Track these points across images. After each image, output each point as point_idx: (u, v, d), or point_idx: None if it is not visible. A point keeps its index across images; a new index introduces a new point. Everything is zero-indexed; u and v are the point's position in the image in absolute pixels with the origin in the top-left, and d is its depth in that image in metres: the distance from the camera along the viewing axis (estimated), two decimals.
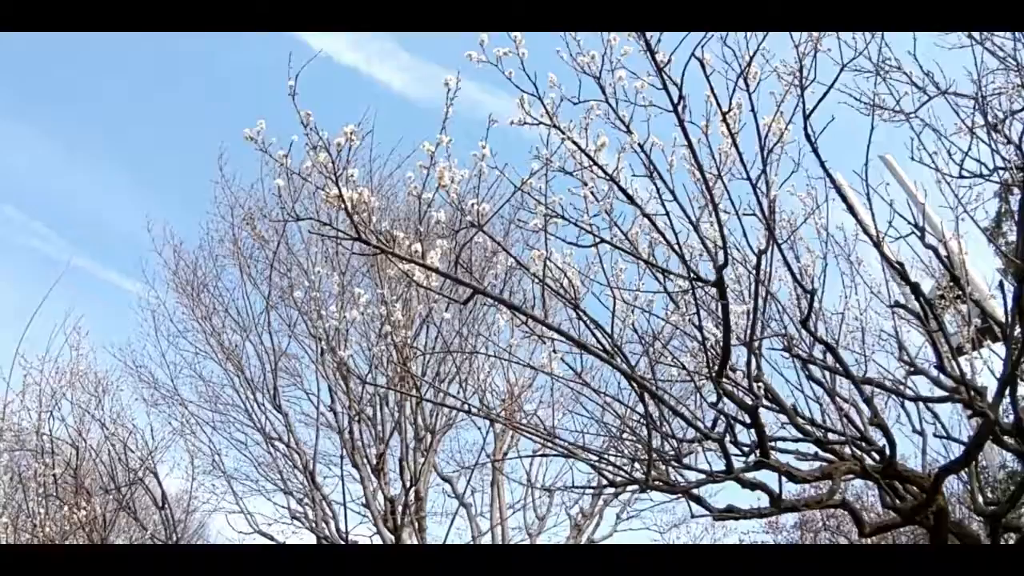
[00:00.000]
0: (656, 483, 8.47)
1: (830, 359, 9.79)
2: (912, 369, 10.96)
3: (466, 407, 16.04)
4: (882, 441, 9.07)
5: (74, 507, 17.42)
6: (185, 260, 23.73)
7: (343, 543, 20.31)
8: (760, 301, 8.04)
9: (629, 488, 9.97)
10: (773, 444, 8.64)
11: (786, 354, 10.12)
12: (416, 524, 21.85)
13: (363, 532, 22.09)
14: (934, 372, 10.52)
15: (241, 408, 22.88)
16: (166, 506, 18.86)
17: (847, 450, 9.23)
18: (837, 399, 9.84)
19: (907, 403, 10.51)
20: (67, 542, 17.86)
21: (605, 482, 9.37)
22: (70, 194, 58.83)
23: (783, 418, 9.43)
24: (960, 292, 10.63)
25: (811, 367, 10.14)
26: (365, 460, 21.64)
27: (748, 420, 8.43)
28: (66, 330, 18.17)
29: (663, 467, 8.79)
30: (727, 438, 8.41)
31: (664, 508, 27.97)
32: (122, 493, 18.46)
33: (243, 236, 22.58)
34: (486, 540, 25.27)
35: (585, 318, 7.86)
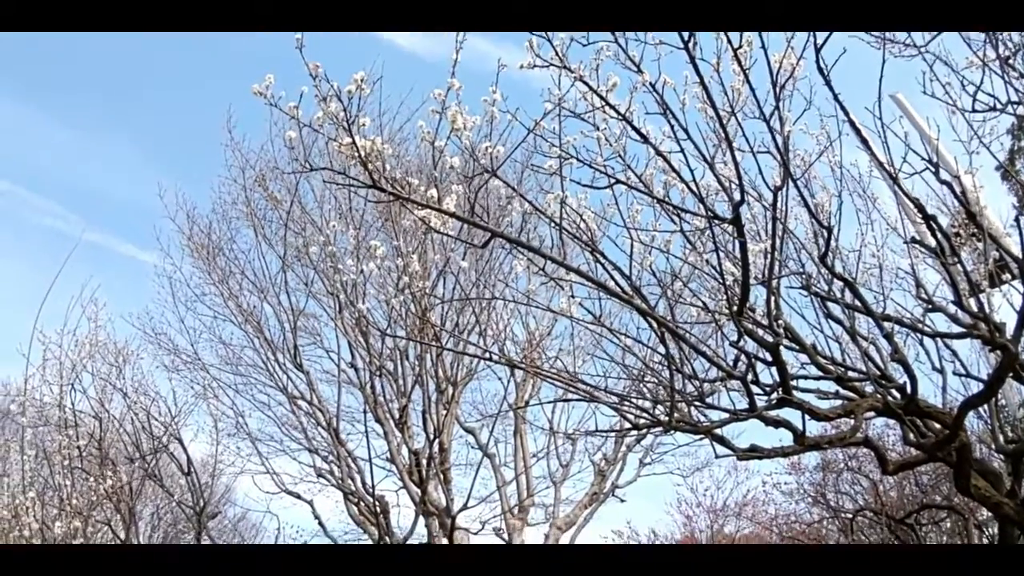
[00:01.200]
0: (679, 424, 8.45)
1: (848, 297, 9.76)
2: (930, 306, 10.91)
3: (487, 354, 16.03)
4: (903, 379, 9.05)
5: (100, 478, 17.48)
6: (199, 225, 23.79)
7: (370, 495, 20.35)
8: (777, 239, 8.00)
9: (652, 430, 9.98)
10: (794, 385, 8.61)
11: (804, 292, 10.10)
12: (442, 476, 21.93)
13: (389, 487, 22.22)
14: (952, 309, 10.49)
15: (262, 369, 23.00)
16: (192, 471, 18.91)
17: (868, 389, 9.22)
18: (857, 337, 9.80)
19: (926, 341, 10.45)
20: (94, 513, 17.96)
21: (628, 425, 9.38)
22: (83, 172, 58.96)
23: (803, 358, 9.43)
24: (976, 228, 10.56)
25: (830, 305, 10.11)
26: (388, 415, 21.73)
27: (769, 358, 8.41)
28: (83, 302, 18.14)
29: (686, 408, 8.78)
30: (749, 376, 8.39)
31: (686, 452, 28.02)
32: (147, 461, 18.50)
33: (255, 198, 22.57)
34: (511, 490, 25.39)
35: (603, 261, 7.83)
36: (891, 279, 11.06)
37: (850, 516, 19.64)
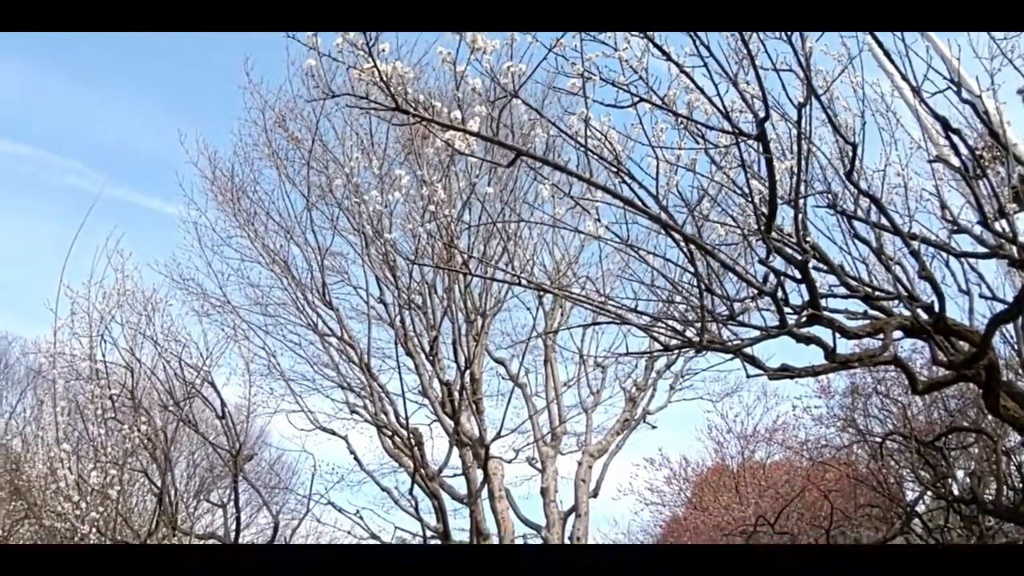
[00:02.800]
0: (710, 343, 8.46)
1: (875, 215, 9.71)
2: (955, 228, 10.83)
3: (517, 279, 16.01)
4: (930, 299, 9.02)
5: (134, 425, 17.60)
6: (221, 169, 23.79)
7: (404, 428, 20.48)
8: (802, 157, 7.96)
9: (683, 351, 10.00)
10: (823, 305, 8.59)
11: (831, 212, 10.05)
12: (474, 407, 22.05)
13: (422, 420, 22.32)
14: (977, 230, 10.43)
15: (292, 308, 23.11)
16: (226, 414, 19.00)
17: (896, 310, 9.20)
18: (883, 257, 9.76)
19: (951, 263, 10.39)
20: (130, 461, 18.11)
21: (659, 347, 9.39)
22: (103, 129, 59.12)
23: (831, 280, 9.40)
24: (999, 148, 10.45)
25: (856, 225, 10.06)
26: (418, 348, 21.84)
27: (798, 275, 8.39)
28: (108, 253, 18.14)
29: (716, 328, 8.78)
30: (779, 294, 8.37)
31: (716, 377, 28.08)
32: (181, 408, 18.60)
33: (276, 139, 22.52)
34: (542, 419, 25.52)
35: (629, 180, 7.80)
36: (916, 202, 10.96)
37: (879, 440, 19.61)
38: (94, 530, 16.94)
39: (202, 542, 21.83)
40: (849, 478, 22.22)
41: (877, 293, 9.38)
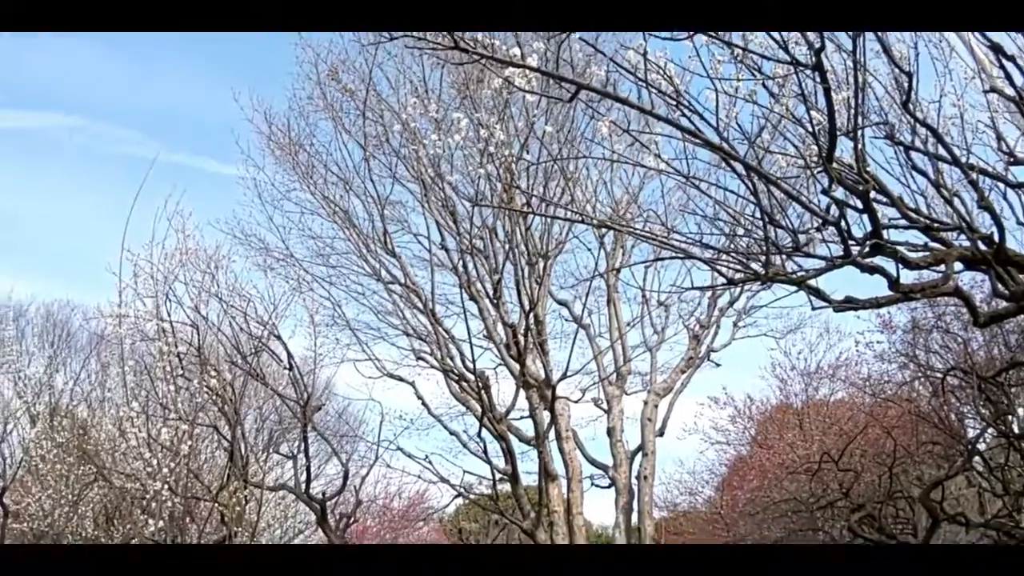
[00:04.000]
0: (776, 275, 8.49)
1: (932, 145, 9.67)
2: (1012, 159, 10.74)
3: (579, 216, 16.04)
4: (989, 230, 8.99)
5: (202, 381, 17.83)
6: (277, 125, 24.00)
7: (470, 372, 20.61)
8: (859, 88, 7.95)
9: (748, 285, 10.03)
10: (885, 236, 8.59)
11: (889, 143, 10.01)
12: (539, 348, 22.17)
13: (487, 363, 22.48)
14: None
15: (355, 257, 23.35)
16: (294, 366, 19.19)
17: (955, 242, 9.17)
18: (942, 188, 9.72)
19: (1009, 194, 10.31)
20: (200, 415, 18.37)
21: (724, 281, 9.42)
22: (156, 97, 59.49)
23: (890, 213, 9.38)
24: None
25: (913, 156, 10.02)
26: (482, 292, 21.98)
27: (860, 206, 8.40)
28: (168, 215, 18.29)
29: (780, 261, 8.80)
30: (842, 224, 8.39)
31: (779, 314, 28.09)
32: (248, 362, 18.81)
33: (330, 92, 22.65)
34: (607, 359, 25.63)
35: (689, 112, 7.82)
36: (971, 133, 10.87)
37: (940, 376, 19.59)
38: (166, 487, 17.22)
39: (274, 491, 22.18)
40: (911, 415, 22.23)
41: (936, 224, 9.37)
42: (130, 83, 61.77)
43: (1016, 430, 19.20)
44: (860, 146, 8.40)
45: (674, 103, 7.83)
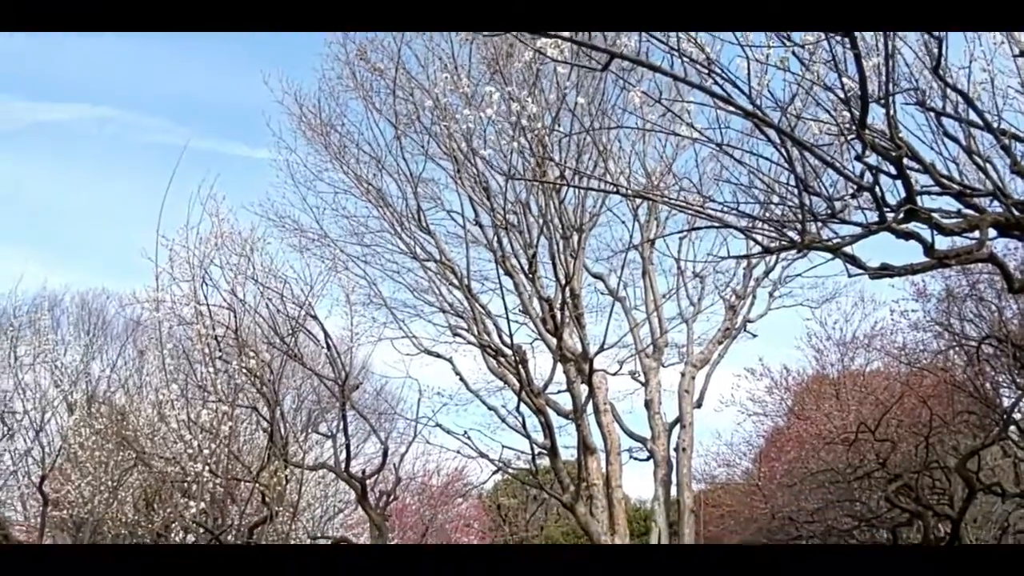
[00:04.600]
0: (812, 242, 8.52)
1: (963, 111, 9.66)
2: None
3: (614, 187, 16.04)
4: (1022, 195, 8.98)
5: (240, 362, 17.93)
6: (307, 106, 24.14)
7: (507, 347, 20.66)
8: (889, 54, 7.95)
9: (784, 253, 10.02)
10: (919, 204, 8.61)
11: (920, 109, 10.00)
12: (575, 322, 22.23)
13: (524, 338, 22.58)
14: None
15: (389, 234, 23.47)
16: (331, 345, 19.28)
17: (989, 208, 9.17)
18: (974, 154, 9.71)
19: None
20: (240, 396, 18.50)
21: (759, 249, 9.43)
22: (185, 84, 59.67)
23: (923, 180, 9.38)
24: None
25: (945, 123, 10.01)
26: (517, 267, 22.07)
27: (894, 172, 8.41)
28: (202, 200, 18.33)
29: (816, 228, 8.82)
30: (877, 190, 8.40)
31: (814, 283, 28.14)
32: (285, 342, 18.91)
33: (360, 71, 22.76)
34: (643, 332, 25.69)
35: (721, 80, 7.85)
36: (1002, 99, 10.84)
37: (975, 344, 19.56)
38: (207, 468, 17.35)
39: (313, 470, 22.32)
40: (946, 384, 22.22)
41: (969, 190, 9.36)
42: (157, 72, 62.04)
43: None
44: (892, 112, 8.41)
45: (706, 71, 7.86)
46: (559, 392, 23.65)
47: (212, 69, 62.03)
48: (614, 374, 24.52)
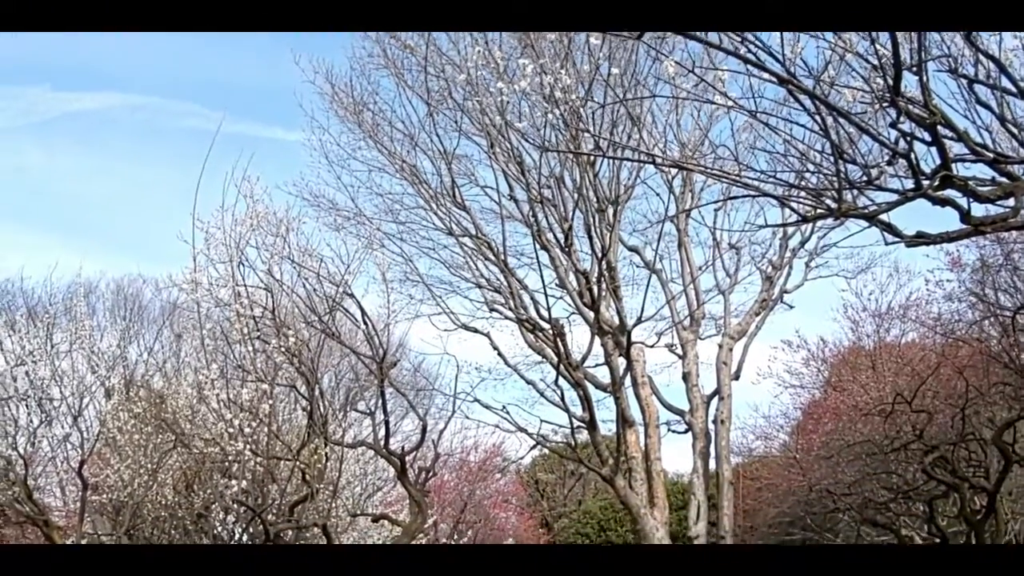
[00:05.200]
0: (849, 210, 8.53)
1: (995, 77, 9.63)
2: None
3: (648, 157, 16.05)
4: None
5: (279, 340, 18.03)
6: (339, 85, 24.28)
7: (545, 321, 20.72)
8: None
9: (820, 221, 10.05)
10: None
11: (952, 76, 9.98)
12: (612, 295, 22.28)
13: (560, 312, 22.66)
14: None
15: (425, 211, 23.60)
16: (368, 322, 19.35)
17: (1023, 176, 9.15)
18: (1007, 122, 9.69)
19: None
20: (279, 375, 18.62)
21: (796, 218, 9.44)
22: (215, 68, 59.79)
23: (957, 148, 9.36)
24: None
25: (977, 90, 9.98)
26: (552, 241, 22.10)
27: (928, 139, 8.41)
28: (236, 181, 18.40)
29: (852, 197, 8.83)
30: (912, 156, 8.41)
31: (850, 254, 28.05)
32: (323, 321, 18.99)
33: (391, 49, 22.81)
34: (680, 304, 25.71)
35: (755, 48, 7.86)
36: None
37: (1010, 315, 19.49)
38: (247, 447, 17.49)
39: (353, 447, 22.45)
40: (981, 355, 22.14)
41: (1003, 158, 9.34)
42: (186, 58, 62.28)
43: None
44: (925, 79, 8.41)
45: (739, 38, 7.88)
46: (597, 365, 23.80)
47: (241, 52, 62.24)
48: (651, 346, 24.64)
